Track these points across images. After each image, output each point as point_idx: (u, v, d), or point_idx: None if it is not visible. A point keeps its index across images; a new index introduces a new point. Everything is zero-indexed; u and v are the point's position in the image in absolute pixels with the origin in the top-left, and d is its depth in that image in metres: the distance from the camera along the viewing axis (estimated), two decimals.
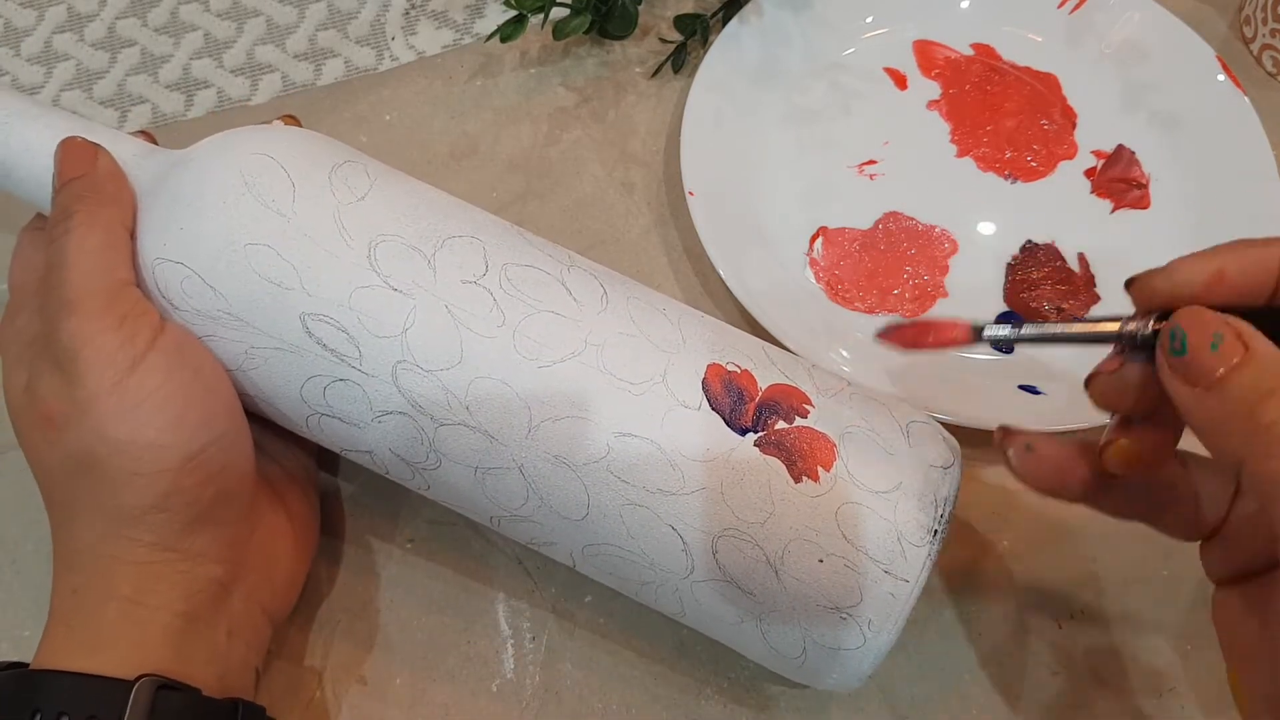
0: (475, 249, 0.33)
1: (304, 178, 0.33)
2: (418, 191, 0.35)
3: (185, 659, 0.32)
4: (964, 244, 0.47)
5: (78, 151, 0.35)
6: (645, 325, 0.33)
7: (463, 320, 0.32)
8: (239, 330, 0.33)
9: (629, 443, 0.31)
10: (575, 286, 0.34)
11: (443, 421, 0.32)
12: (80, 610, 0.32)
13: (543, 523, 0.33)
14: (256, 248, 0.32)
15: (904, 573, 0.30)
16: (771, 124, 0.50)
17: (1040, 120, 0.50)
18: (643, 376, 0.32)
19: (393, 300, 0.32)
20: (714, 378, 0.32)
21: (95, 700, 0.30)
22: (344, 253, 0.32)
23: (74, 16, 0.56)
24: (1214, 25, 0.54)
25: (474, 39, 0.55)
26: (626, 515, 0.32)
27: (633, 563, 0.33)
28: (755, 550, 0.31)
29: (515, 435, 0.32)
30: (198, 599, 0.33)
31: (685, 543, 0.32)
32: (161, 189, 0.34)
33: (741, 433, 0.31)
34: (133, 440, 0.31)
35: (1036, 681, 0.39)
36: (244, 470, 0.34)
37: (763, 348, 0.34)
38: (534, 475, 0.32)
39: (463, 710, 0.38)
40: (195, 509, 0.32)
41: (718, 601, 0.32)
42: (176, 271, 0.33)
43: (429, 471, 0.34)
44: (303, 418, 0.35)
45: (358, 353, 0.32)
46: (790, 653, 0.32)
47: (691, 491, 0.31)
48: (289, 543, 0.37)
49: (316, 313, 0.32)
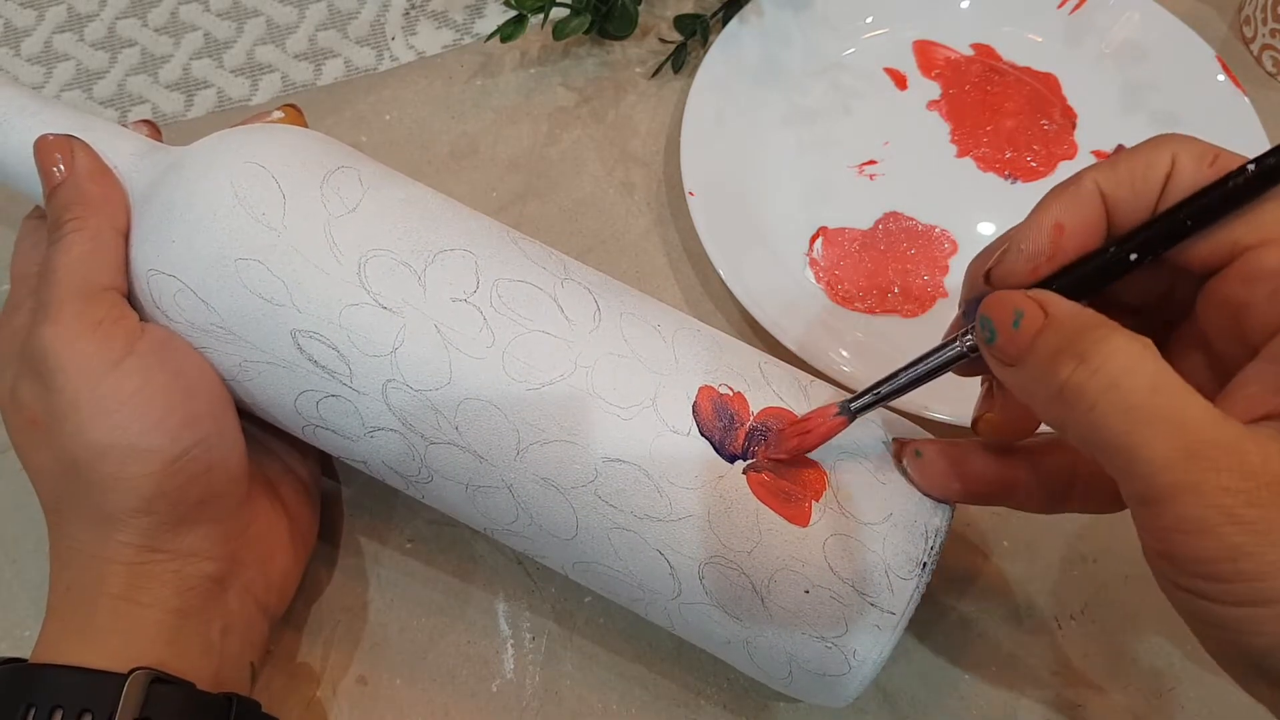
0: (467, 263, 0.33)
1: (295, 189, 0.33)
2: (412, 199, 0.35)
3: (179, 653, 0.32)
4: (964, 244, 0.47)
5: (52, 149, 0.35)
6: (637, 345, 0.33)
7: (452, 340, 0.32)
8: (232, 344, 0.33)
9: (616, 468, 0.31)
10: (568, 302, 0.33)
11: (433, 440, 0.32)
12: (74, 607, 0.32)
13: (533, 539, 0.34)
14: (247, 263, 0.32)
15: (890, 606, 0.30)
16: (771, 124, 0.50)
17: (1040, 120, 0.50)
18: (632, 400, 0.32)
19: (382, 319, 0.32)
20: (705, 401, 0.32)
21: (89, 693, 0.30)
22: (334, 269, 0.32)
23: (74, 16, 0.56)
24: (1214, 25, 0.54)
25: (474, 39, 0.55)
26: (614, 538, 0.32)
27: (622, 581, 0.33)
28: (741, 578, 0.31)
29: (504, 456, 0.32)
30: (190, 596, 0.33)
31: (672, 567, 0.31)
32: (155, 195, 0.34)
33: (731, 460, 0.31)
34: (113, 444, 0.31)
35: (1036, 681, 0.39)
36: (232, 470, 0.34)
37: (759, 365, 0.34)
38: (523, 496, 0.32)
39: (463, 710, 0.38)
40: (181, 511, 0.32)
41: (705, 622, 0.32)
42: (169, 284, 0.33)
43: (422, 484, 0.34)
44: (299, 427, 0.35)
45: (348, 370, 0.32)
46: (777, 673, 0.32)
47: (678, 519, 0.31)
48: (285, 539, 0.37)
49: (307, 329, 0.32)
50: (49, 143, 0.35)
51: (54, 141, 0.35)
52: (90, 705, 0.29)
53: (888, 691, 0.38)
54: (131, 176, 0.35)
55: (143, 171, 0.35)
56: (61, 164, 0.34)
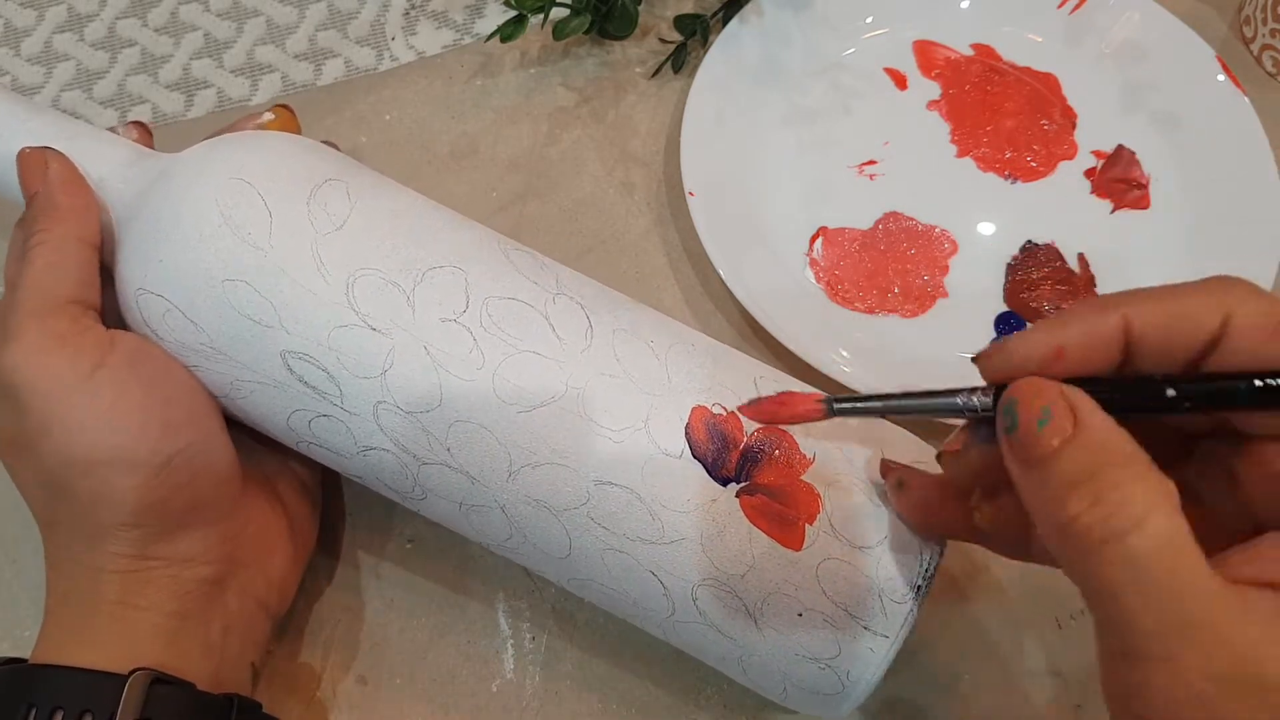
0: (456, 281, 0.32)
1: (281, 206, 0.33)
2: (400, 211, 0.34)
3: (179, 655, 0.32)
4: (964, 244, 0.47)
5: (29, 162, 0.34)
6: (630, 364, 0.32)
7: (442, 362, 0.31)
8: (222, 364, 0.33)
9: (608, 491, 0.31)
10: (559, 320, 0.33)
11: (425, 460, 0.32)
12: (72, 612, 0.32)
13: (528, 555, 0.34)
14: (235, 284, 0.32)
15: (884, 629, 0.30)
16: (771, 124, 0.50)
17: (1040, 120, 0.50)
18: (624, 423, 0.31)
19: (371, 340, 0.32)
20: (698, 422, 0.31)
21: (89, 693, 0.30)
22: (322, 289, 0.32)
23: (74, 16, 0.56)
24: (1214, 25, 0.54)
25: (474, 39, 0.55)
26: (608, 559, 0.32)
27: (617, 599, 0.33)
28: (735, 600, 0.31)
29: (496, 478, 0.32)
30: (188, 599, 0.33)
31: (666, 588, 0.31)
32: (144, 207, 0.34)
33: (724, 483, 0.31)
34: (92, 460, 0.31)
35: (1036, 681, 0.39)
36: (221, 474, 0.34)
37: (754, 380, 0.33)
38: (516, 516, 0.32)
39: (463, 710, 0.38)
40: (170, 520, 0.32)
41: (700, 640, 0.32)
42: (158, 304, 0.33)
43: (417, 501, 0.34)
44: (293, 443, 0.35)
45: (339, 391, 0.32)
46: (772, 689, 0.33)
47: (671, 541, 0.31)
48: (284, 537, 0.37)
49: (296, 351, 0.32)
50: (26, 155, 0.35)
51: (31, 154, 0.34)
52: (91, 706, 0.29)
53: (887, 691, 0.38)
54: (119, 186, 0.35)
55: (131, 181, 0.35)
56: (36, 178, 0.34)
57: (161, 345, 0.33)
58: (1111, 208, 0.48)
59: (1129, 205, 0.48)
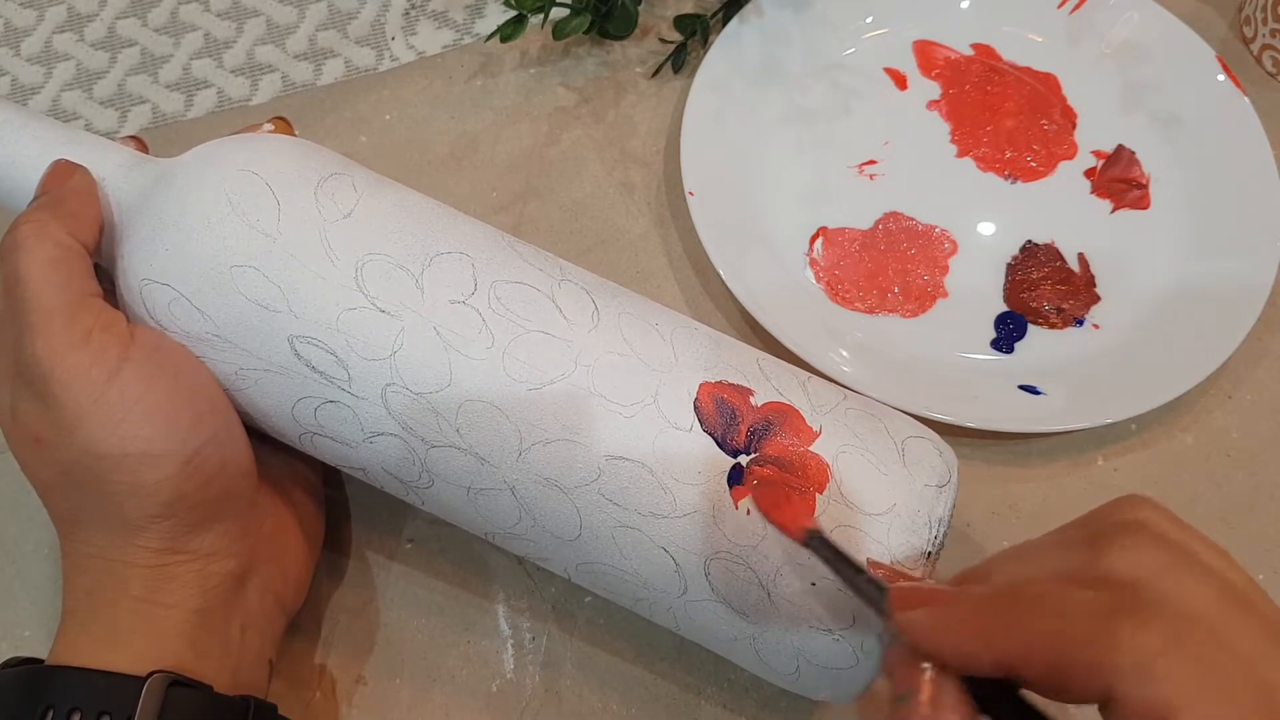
0: (464, 266, 0.33)
1: (289, 195, 0.33)
2: (406, 204, 0.35)
3: (199, 654, 0.32)
4: (964, 244, 0.47)
5: (55, 169, 0.34)
6: (637, 343, 0.33)
7: (451, 342, 0.32)
8: (228, 352, 0.33)
9: (620, 466, 0.31)
10: (566, 303, 0.33)
11: (434, 443, 0.32)
12: (95, 610, 0.32)
13: (536, 541, 0.34)
14: (242, 270, 0.32)
15: None
16: (771, 124, 0.50)
17: (1040, 120, 0.50)
18: (634, 398, 0.32)
19: (380, 322, 0.32)
20: (706, 397, 0.32)
21: (107, 696, 0.30)
22: (330, 273, 0.32)
23: (74, 16, 0.56)
24: (1214, 25, 0.54)
25: (474, 39, 0.55)
26: (619, 537, 0.32)
27: (626, 581, 0.33)
28: (747, 573, 0.31)
29: (506, 458, 0.32)
30: (212, 595, 0.33)
31: (677, 564, 0.31)
32: (146, 207, 0.34)
33: (734, 455, 0.31)
34: (125, 454, 0.31)
35: None
36: (244, 464, 0.34)
37: (758, 361, 0.34)
38: (525, 497, 0.32)
39: (463, 710, 0.38)
40: (201, 511, 0.32)
41: (711, 620, 0.32)
42: (164, 293, 0.33)
43: (422, 490, 0.34)
44: (296, 436, 0.35)
45: (346, 375, 0.32)
46: (784, 669, 0.33)
47: (683, 515, 0.31)
48: (297, 534, 0.37)
49: (304, 335, 0.32)
50: (57, 167, 0.34)
51: (63, 164, 0.34)
52: (108, 708, 0.29)
53: None
54: (120, 188, 0.35)
55: (132, 182, 0.35)
56: (58, 182, 0.34)
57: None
58: (1111, 208, 0.48)
59: (1129, 205, 0.48)
